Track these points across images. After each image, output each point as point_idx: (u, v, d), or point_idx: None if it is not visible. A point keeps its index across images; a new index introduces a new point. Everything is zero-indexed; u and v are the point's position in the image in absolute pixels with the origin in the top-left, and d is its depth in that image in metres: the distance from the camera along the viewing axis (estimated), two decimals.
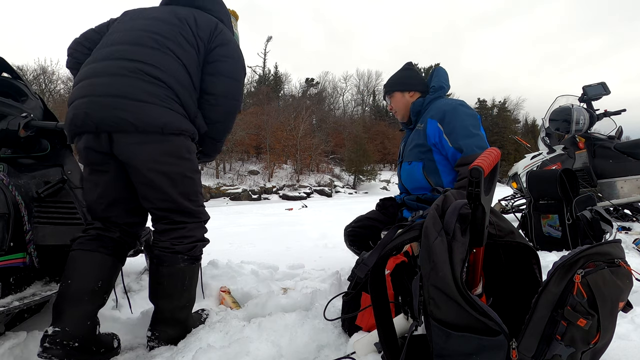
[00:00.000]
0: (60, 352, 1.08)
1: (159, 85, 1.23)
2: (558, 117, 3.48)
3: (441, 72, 2.05)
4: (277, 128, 27.75)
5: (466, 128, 1.76)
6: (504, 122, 41.67)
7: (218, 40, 1.39)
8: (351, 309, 1.25)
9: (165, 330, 1.29)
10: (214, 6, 1.50)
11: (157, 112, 1.21)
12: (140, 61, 1.24)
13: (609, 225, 2.25)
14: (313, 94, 40.49)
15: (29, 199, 1.37)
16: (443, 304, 0.78)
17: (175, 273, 1.28)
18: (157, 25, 1.33)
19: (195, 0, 1.46)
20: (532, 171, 2.60)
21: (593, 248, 0.79)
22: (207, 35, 1.37)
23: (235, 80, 1.41)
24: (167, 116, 1.23)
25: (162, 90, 1.23)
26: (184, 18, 1.36)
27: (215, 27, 1.40)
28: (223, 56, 1.38)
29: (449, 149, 1.78)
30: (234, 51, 1.43)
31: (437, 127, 1.83)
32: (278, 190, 24.39)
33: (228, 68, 1.39)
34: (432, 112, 1.88)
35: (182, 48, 1.31)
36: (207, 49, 1.37)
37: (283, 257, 2.94)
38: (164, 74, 1.24)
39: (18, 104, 1.54)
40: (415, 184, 1.93)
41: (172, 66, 1.27)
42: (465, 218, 0.83)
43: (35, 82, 25.08)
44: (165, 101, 1.23)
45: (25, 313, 1.52)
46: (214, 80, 1.37)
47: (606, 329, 0.78)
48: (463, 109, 1.84)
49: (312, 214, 8.36)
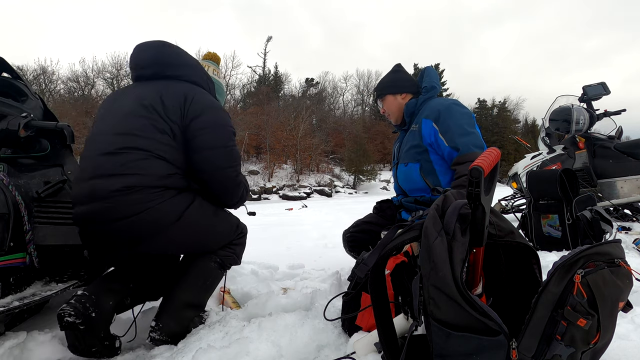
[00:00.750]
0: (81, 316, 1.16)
1: (135, 191, 1.19)
2: (558, 117, 3.48)
3: (431, 72, 2.05)
4: (277, 128, 27.76)
5: (461, 126, 1.76)
6: (504, 122, 41.63)
7: (191, 114, 1.31)
8: (351, 309, 1.25)
9: (169, 323, 1.29)
10: (183, 71, 1.44)
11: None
12: (115, 174, 1.20)
13: (609, 225, 2.25)
14: (313, 94, 40.49)
15: (29, 199, 1.37)
16: (443, 304, 0.78)
17: (204, 267, 1.39)
18: (125, 123, 1.28)
19: (163, 72, 1.41)
20: (532, 171, 2.60)
21: (593, 248, 0.79)
22: (178, 113, 1.30)
23: (221, 148, 1.34)
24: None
25: (138, 195, 1.20)
26: (150, 105, 1.29)
27: (184, 100, 1.32)
28: (200, 129, 1.31)
29: (445, 148, 1.78)
30: (211, 118, 1.34)
31: (432, 127, 1.82)
32: (278, 190, 24.38)
33: (208, 140, 1.32)
34: (427, 112, 1.87)
35: (155, 140, 1.25)
36: (183, 127, 1.31)
37: (283, 257, 2.95)
38: (139, 178, 1.20)
39: (18, 104, 1.54)
40: (413, 186, 1.93)
41: (146, 164, 1.22)
42: (465, 218, 0.83)
43: (35, 82, 25.09)
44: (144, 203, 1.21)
45: (25, 313, 1.52)
46: (198, 158, 1.31)
47: (606, 329, 0.78)
48: (457, 107, 1.83)
49: (312, 214, 8.36)
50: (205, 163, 1.32)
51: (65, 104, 23.85)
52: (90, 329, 1.17)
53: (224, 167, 1.35)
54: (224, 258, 1.44)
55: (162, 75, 1.41)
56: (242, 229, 1.55)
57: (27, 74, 24.88)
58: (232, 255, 1.47)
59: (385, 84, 2.08)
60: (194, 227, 1.29)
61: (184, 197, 1.28)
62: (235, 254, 1.49)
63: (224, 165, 1.35)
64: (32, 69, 26.10)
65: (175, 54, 1.45)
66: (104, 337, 1.22)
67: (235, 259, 1.49)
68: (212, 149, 1.32)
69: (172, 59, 1.43)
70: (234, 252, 1.48)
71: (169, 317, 1.29)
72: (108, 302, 1.25)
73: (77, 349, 1.18)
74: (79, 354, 1.20)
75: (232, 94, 35.94)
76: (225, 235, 1.45)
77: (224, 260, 1.44)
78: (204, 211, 1.34)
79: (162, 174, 1.23)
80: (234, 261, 1.49)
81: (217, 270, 1.43)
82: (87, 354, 1.19)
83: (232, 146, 1.39)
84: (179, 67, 1.43)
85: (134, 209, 1.18)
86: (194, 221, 1.28)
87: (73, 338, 1.17)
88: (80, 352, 1.19)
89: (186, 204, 1.27)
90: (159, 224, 1.21)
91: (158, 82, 1.38)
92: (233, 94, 36.17)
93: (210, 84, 1.54)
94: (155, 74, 1.41)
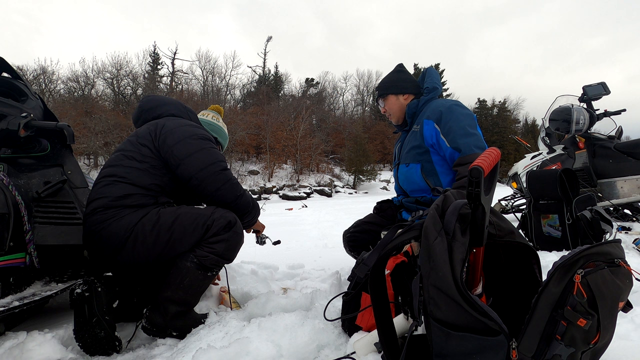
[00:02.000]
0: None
1: (96, 213, 1.41)
2: (558, 117, 3.48)
3: (433, 73, 2.04)
4: (277, 128, 27.75)
5: (463, 128, 1.75)
6: (504, 122, 41.63)
7: (162, 135, 1.50)
8: (351, 309, 1.25)
9: (153, 314, 1.39)
10: (161, 110, 1.67)
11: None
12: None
13: (609, 225, 2.25)
14: (313, 94, 40.49)
15: (29, 199, 1.37)
16: (443, 304, 0.78)
17: (179, 266, 1.41)
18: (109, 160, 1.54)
19: (148, 116, 1.67)
20: (532, 171, 2.59)
21: (593, 248, 0.79)
22: (148, 137, 1.52)
23: (196, 153, 1.48)
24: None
25: (98, 216, 1.41)
26: (127, 140, 1.56)
27: (155, 126, 1.54)
28: (172, 146, 1.48)
29: (447, 149, 1.78)
30: (181, 134, 1.51)
31: (434, 128, 1.82)
32: (278, 190, 24.38)
33: (182, 151, 1.47)
34: (428, 113, 1.87)
35: (121, 166, 1.47)
36: (156, 149, 1.50)
37: (283, 257, 2.95)
38: (100, 201, 1.43)
39: (18, 104, 1.53)
40: (414, 186, 1.93)
41: (108, 189, 1.45)
42: (465, 218, 0.83)
43: (35, 82, 25.09)
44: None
45: (25, 313, 1.52)
46: (182, 170, 1.47)
47: (606, 329, 0.78)
48: (459, 108, 1.83)
49: (312, 214, 8.36)
50: (188, 169, 1.46)
51: (65, 104, 23.84)
52: (95, 298, 1.27)
53: (206, 164, 1.47)
54: (201, 258, 1.41)
55: (148, 119, 1.66)
56: (220, 223, 1.44)
57: (27, 74, 24.87)
58: (209, 256, 1.42)
59: (387, 83, 2.07)
60: (148, 238, 1.38)
61: (138, 213, 1.41)
62: (215, 253, 1.43)
63: (206, 163, 1.47)
64: (32, 69, 26.10)
65: (154, 99, 1.72)
66: (106, 312, 1.29)
67: (215, 259, 1.43)
68: (189, 156, 1.47)
69: (151, 104, 1.69)
70: (212, 250, 1.42)
71: (153, 309, 1.40)
72: (114, 288, 1.42)
73: (81, 327, 1.26)
74: (81, 334, 1.26)
75: (232, 94, 35.96)
76: (189, 232, 1.41)
77: (200, 260, 1.41)
78: (160, 219, 1.41)
79: (119, 194, 1.41)
80: (214, 261, 1.43)
81: (194, 271, 1.41)
82: (89, 332, 1.26)
83: (209, 148, 1.52)
84: (157, 108, 1.68)
85: (94, 228, 1.38)
86: (147, 232, 1.38)
87: (78, 316, 1.26)
88: (83, 328, 1.26)
89: (138, 218, 1.39)
90: (113, 240, 1.37)
91: (148, 124, 1.60)
92: (233, 94, 36.19)
93: (189, 113, 1.72)
94: (144, 120, 1.68)
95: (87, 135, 20.71)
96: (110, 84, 29.90)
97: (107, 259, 1.41)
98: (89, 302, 1.27)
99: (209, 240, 1.43)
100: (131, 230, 1.37)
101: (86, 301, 1.27)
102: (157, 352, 1.29)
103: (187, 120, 1.63)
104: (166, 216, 1.42)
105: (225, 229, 1.45)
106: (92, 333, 1.26)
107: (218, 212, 1.47)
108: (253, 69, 39.66)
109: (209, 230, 1.43)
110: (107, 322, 1.29)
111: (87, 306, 1.27)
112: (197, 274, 1.42)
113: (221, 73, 34.98)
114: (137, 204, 1.42)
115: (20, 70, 5.02)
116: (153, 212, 1.42)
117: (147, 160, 1.47)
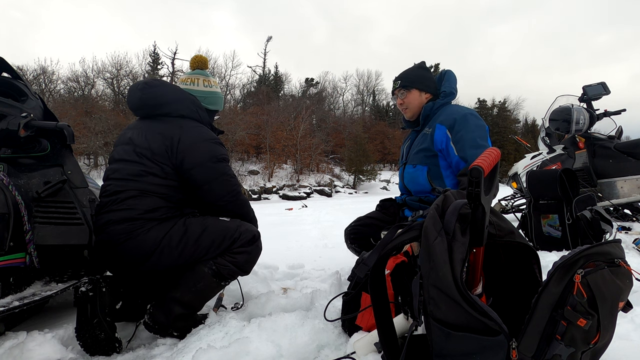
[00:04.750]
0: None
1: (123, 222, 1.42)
2: (558, 117, 3.48)
3: (452, 77, 2.04)
4: (277, 128, 27.73)
5: (474, 139, 1.77)
6: (504, 122, 41.62)
7: (180, 155, 1.46)
8: (351, 309, 1.25)
9: (157, 312, 1.40)
10: (169, 108, 1.55)
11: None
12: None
13: (609, 225, 2.25)
14: (313, 93, 40.49)
15: (29, 199, 1.37)
16: (443, 304, 0.78)
17: (196, 270, 1.43)
18: (123, 168, 1.48)
19: (152, 112, 1.56)
20: (532, 171, 2.59)
21: (593, 248, 0.79)
22: (165, 156, 1.46)
23: (213, 181, 1.49)
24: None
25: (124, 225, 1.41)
26: (140, 153, 1.47)
27: (170, 143, 1.47)
28: (190, 170, 1.47)
29: (454, 157, 1.80)
30: (198, 155, 1.48)
31: (445, 134, 1.83)
32: (278, 190, 24.37)
33: (201, 177, 1.48)
34: (442, 118, 1.88)
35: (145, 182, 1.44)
36: (175, 166, 1.47)
37: (283, 257, 2.94)
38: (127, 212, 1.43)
39: (18, 104, 1.53)
40: (419, 188, 1.94)
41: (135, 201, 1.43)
42: (465, 218, 0.83)
43: (35, 82, 25.07)
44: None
45: (25, 313, 1.52)
46: (201, 193, 1.50)
47: (606, 329, 0.78)
48: (473, 118, 1.84)
49: (312, 214, 8.35)
50: (208, 196, 1.51)
51: (65, 104, 23.82)
52: (99, 299, 1.28)
53: (222, 195, 1.53)
54: (220, 267, 1.44)
55: (152, 115, 1.56)
56: (246, 236, 1.51)
57: (27, 74, 24.85)
58: (229, 265, 1.46)
59: (414, 77, 2.02)
60: (175, 250, 1.40)
61: (166, 224, 1.42)
62: (235, 263, 1.47)
63: (222, 194, 1.53)
64: (32, 69, 26.06)
65: (160, 93, 1.55)
66: (107, 314, 1.30)
67: (233, 269, 1.47)
68: (207, 183, 1.49)
69: (157, 100, 1.54)
70: (233, 260, 1.47)
71: (158, 307, 1.41)
72: (119, 289, 1.42)
73: (82, 327, 1.26)
74: (82, 333, 1.27)
75: (232, 94, 35.95)
76: (216, 245, 1.45)
77: (219, 268, 1.44)
78: (188, 231, 1.43)
79: (147, 208, 1.41)
80: (232, 272, 1.48)
81: (210, 277, 1.43)
82: (89, 332, 1.26)
83: (225, 174, 1.53)
84: (164, 105, 1.54)
85: (118, 238, 1.38)
86: (174, 244, 1.40)
87: (81, 314, 1.27)
88: (84, 327, 1.26)
89: (165, 230, 1.40)
90: (139, 251, 1.38)
91: (150, 124, 1.54)
92: (233, 94, 36.18)
93: (200, 111, 1.62)
94: (146, 115, 1.58)
95: (87, 135, 20.69)
96: (110, 84, 29.86)
97: (129, 268, 1.42)
98: (92, 302, 1.28)
99: (233, 250, 1.48)
100: (159, 242, 1.38)
101: (89, 301, 1.27)
102: (157, 352, 1.29)
103: (201, 128, 1.55)
104: (194, 227, 1.44)
105: (250, 242, 1.51)
106: (93, 334, 1.27)
107: (244, 225, 1.54)
108: (253, 69, 39.67)
109: (235, 242, 1.48)
110: (107, 324, 1.29)
111: (89, 306, 1.28)
112: (212, 281, 1.44)
113: (221, 73, 34.97)
114: (164, 217, 1.43)
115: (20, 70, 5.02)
116: (180, 223, 1.44)
117: (170, 177, 1.47)
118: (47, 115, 1.68)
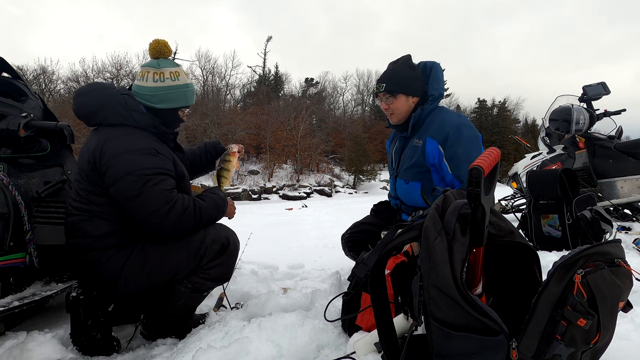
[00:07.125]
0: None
1: (83, 253, 1.34)
2: (558, 117, 3.48)
3: (439, 75, 1.87)
4: (277, 128, 27.73)
5: (467, 154, 1.68)
6: (504, 122, 41.61)
7: (102, 170, 1.28)
8: (351, 309, 1.25)
9: (150, 321, 1.41)
10: (101, 116, 1.34)
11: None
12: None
13: (609, 225, 2.25)
14: (313, 93, 40.49)
15: (29, 199, 1.37)
16: (443, 304, 0.78)
17: (174, 290, 1.38)
18: (74, 189, 1.37)
19: (90, 122, 1.38)
20: (532, 171, 2.60)
21: (593, 248, 0.79)
22: (93, 174, 1.30)
23: (135, 198, 1.25)
24: None
25: (85, 256, 1.35)
26: (81, 170, 1.34)
27: (93, 157, 1.29)
28: (110, 185, 1.27)
29: (448, 174, 1.72)
30: (117, 170, 1.26)
31: (437, 149, 1.74)
32: (278, 190, 24.36)
33: (121, 193, 1.26)
34: (433, 131, 1.76)
35: (92, 202, 1.32)
36: (103, 182, 1.29)
37: (283, 257, 2.95)
38: (84, 240, 1.34)
39: (18, 104, 1.54)
40: (413, 203, 1.89)
41: (88, 225, 1.33)
42: (465, 218, 0.83)
43: (35, 82, 25.04)
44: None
45: (25, 313, 1.52)
46: (126, 211, 1.28)
47: (606, 329, 0.79)
48: (466, 130, 1.73)
49: (312, 214, 8.35)
50: (133, 215, 1.28)
51: (65, 104, 23.77)
52: (90, 301, 1.28)
53: (150, 212, 1.26)
54: (196, 284, 1.39)
55: (91, 126, 1.39)
56: (213, 248, 1.39)
57: (27, 74, 24.82)
58: (205, 283, 1.40)
59: (400, 81, 1.82)
60: (141, 279, 1.32)
61: (123, 252, 1.31)
62: (210, 279, 1.40)
63: (149, 210, 1.26)
64: (32, 69, 26.04)
65: (87, 102, 1.36)
66: (101, 315, 1.29)
67: (210, 284, 1.43)
68: (129, 200, 1.26)
69: (86, 109, 1.36)
70: (207, 277, 1.39)
71: (150, 318, 1.42)
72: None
73: (77, 330, 1.27)
74: (78, 337, 1.28)
75: (232, 94, 35.97)
76: (183, 266, 1.35)
77: (195, 285, 1.39)
78: (147, 257, 1.32)
79: (100, 233, 1.30)
80: (210, 285, 1.44)
81: (189, 294, 1.39)
82: (85, 335, 1.27)
83: (148, 189, 1.25)
84: (92, 115, 1.36)
85: (86, 267, 1.32)
86: (137, 273, 1.31)
87: (74, 319, 1.27)
88: (79, 331, 1.27)
89: (124, 258, 1.30)
90: (104, 280, 1.31)
91: (91, 137, 1.37)
92: (233, 94, 36.20)
93: (135, 114, 1.35)
94: (89, 125, 1.40)
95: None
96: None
97: (104, 291, 1.35)
98: (84, 305, 1.28)
99: (203, 267, 1.38)
100: (119, 273, 1.30)
101: (81, 304, 1.27)
102: (157, 352, 1.29)
103: (129, 138, 1.32)
104: (153, 251, 1.33)
105: (220, 252, 1.40)
106: (89, 335, 1.27)
107: (209, 235, 1.38)
108: (253, 69, 39.68)
109: (203, 258, 1.37)
110: (102, 324, 1.29)
111: (82, 309, 1.27)
112: (193, 296, 1.42)
113: (221, 73, 34.98)
114: (120, 243, 1.31)
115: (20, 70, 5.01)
116: (138, 248, 1.32)
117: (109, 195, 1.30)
118: (47, 115, 1.68)
